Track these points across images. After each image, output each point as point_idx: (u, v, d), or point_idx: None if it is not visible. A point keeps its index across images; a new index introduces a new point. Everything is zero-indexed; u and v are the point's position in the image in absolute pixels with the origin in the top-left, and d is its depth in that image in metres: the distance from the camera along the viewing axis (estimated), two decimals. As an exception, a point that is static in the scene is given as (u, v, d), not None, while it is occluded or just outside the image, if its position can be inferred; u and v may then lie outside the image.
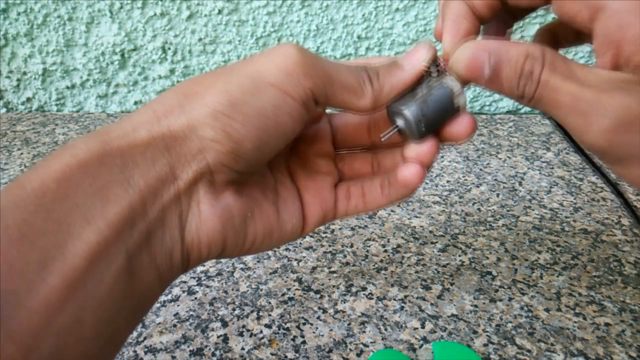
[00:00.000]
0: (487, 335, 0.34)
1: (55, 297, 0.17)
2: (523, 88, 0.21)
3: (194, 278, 0.39)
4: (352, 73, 0.22)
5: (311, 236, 0.44)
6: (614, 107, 0.19)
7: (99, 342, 0.18)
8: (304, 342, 0.33)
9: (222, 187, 0.22)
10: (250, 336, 0.34)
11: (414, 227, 0.45)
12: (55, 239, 0.17)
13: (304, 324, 0.35)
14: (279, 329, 0.34)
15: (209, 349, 0.33)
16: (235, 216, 0.22)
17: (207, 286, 0.38)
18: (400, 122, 0.24)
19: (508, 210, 0.48)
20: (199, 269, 0.40)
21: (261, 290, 0.38)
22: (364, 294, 0.37)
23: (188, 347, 0.33)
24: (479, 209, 0.48)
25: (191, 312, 0.35)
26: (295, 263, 0.40)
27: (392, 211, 0.47)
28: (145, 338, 0.33)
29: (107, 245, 0.18)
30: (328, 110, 0.27)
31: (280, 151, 0.23)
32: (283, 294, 0.37)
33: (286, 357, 0.32)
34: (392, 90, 0.23)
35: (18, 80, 0.69)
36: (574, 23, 0.21)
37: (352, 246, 0.42)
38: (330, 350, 0.32)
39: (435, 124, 0.24)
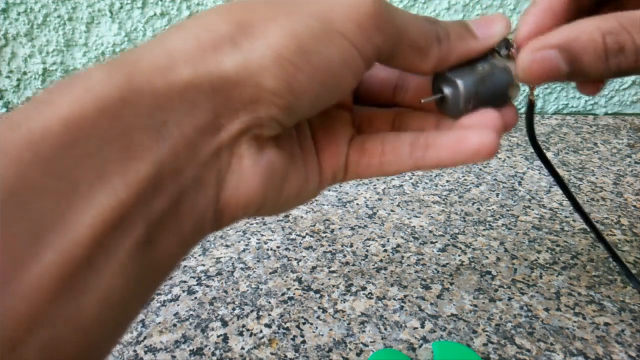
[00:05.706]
0: (487, 335, 0.34)
1: (51, 280, 0.13)
2: (617, 66, 0.19)
3: (194, 278, 0.39)
4: (423, 31, 0.19)
5: (311, 236, 0.44)
6: None
7: (103, 329, 0.14)
8: (304, 342, 0.33)
9: (265, 141, 0.18)
10: (251, 336, 0.34)
11: (414, 227, 0.45)
12: (55, 202, 0.13)
13: (304, 323, 0.35)
14: (279, 329, 0.34)
15: (209, 349, 0.33)
16: (278, 172, 0.19)
17: (207, 286, 0.38)
18: (448, 92, 0.21)
19: (508, 210, 0.48)
20: (199, 268, 0.40)
21: (261, 290, 0.38)
22: (364, 294, 0.37)
23: (188, 347, 0.33)
24: (478, 209, 0.48)
25: (191, 312, 0.36)
26: (295, 263, 0.40)
27: (392, 211, 0.47)
28: (145, 338, 0.33)
29: (124, 211, 0.14)
30: None
31: None
32: (283, 294, 0.37)
33: (286, 356, 0.32)
34: (459, 59, 0.21)
35: (18, 80, 0.69)
36: None
37: (352, 246, 0.42)
38: (330, 350, 0.32)
39: (481, 107, 0.21)
